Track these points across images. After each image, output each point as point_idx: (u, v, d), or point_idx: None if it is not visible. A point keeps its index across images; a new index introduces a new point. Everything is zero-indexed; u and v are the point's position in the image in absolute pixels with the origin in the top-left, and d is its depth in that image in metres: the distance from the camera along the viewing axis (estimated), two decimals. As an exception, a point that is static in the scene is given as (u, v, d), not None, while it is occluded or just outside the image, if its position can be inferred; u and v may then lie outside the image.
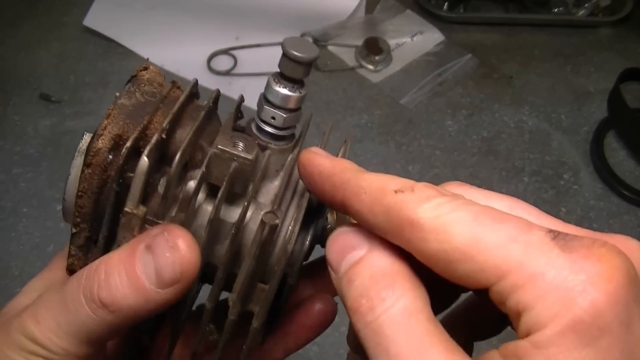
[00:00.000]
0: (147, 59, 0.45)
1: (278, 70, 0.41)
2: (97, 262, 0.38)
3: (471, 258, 0.30)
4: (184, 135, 0.40)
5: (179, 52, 1.36)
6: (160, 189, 0.39)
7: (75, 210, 0.39)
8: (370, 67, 1.35)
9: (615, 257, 0.28)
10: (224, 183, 0.38)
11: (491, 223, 0.30)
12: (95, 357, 0.39)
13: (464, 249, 0.30)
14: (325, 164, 0.37)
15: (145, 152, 0.36)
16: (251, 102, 0.47)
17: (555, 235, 0.29)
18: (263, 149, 0.42)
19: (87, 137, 0.42)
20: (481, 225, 0.30)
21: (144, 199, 0.38)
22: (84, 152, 0.40)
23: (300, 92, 0.41)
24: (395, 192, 0.32)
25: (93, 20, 1.37)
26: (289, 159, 0.43)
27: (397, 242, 0.32)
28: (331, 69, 1.35)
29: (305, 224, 0.42)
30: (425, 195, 0.32)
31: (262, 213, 0.39)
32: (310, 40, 1.38)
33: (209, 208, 0.40)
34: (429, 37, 1.40)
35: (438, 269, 0.31)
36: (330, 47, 1.39)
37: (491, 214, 0.31)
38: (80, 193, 0.39)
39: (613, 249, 0.29)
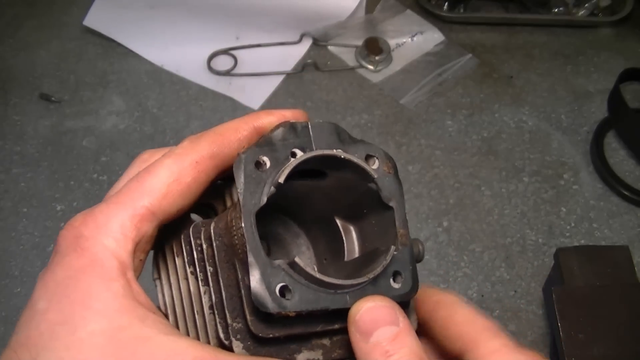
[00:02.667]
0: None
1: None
2: None
3: None
4: None
5: (179, 52, 1.36)
6: None
7: None
8: (371, 67, 1.35)
9: None
10: None
11: None
12: None
13: None
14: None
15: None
16: (251, 102, 0.48)
17: None
18: None
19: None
20: None
21: None
22: None
23: None
24: None
25: (93, 20, 1.37)
26: None
27: None
28: (331, 69, 1.35)
29: None
30: None
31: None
32: (311, 40, 1.38)
33: None
34: (429, 37, 1.40)
35: None
36: (330, 47, 1.39)
37: None
38: None
39: None
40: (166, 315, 0.47)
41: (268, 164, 0.43)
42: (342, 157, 0.44)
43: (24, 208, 1.16)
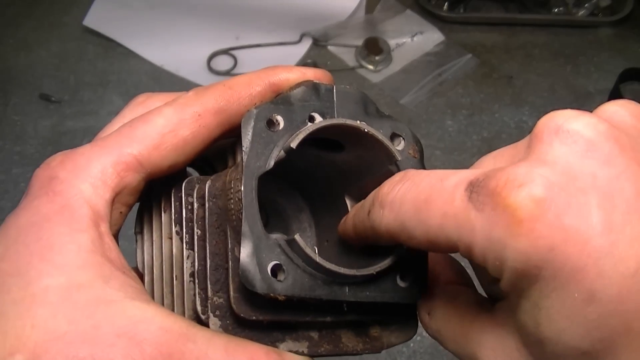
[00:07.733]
0: None
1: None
2: None
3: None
4: None
5: (179, 52, 1.36)
6: None
7: None
8: (370, 67, 1.35)
9: (517, 196, 0.30)
10: None
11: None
12: None
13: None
14: None
15: None
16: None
17: (470, 191, 0.32)
18: None
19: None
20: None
21: None
22: None
23: None
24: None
25: (93, 20, 1.37)
26: None
27: None
28: (331, 69, 1.35)
29: None
30: None
31: None
32: (311, 40, 1.38)
33: None
34: (429, 37, 1.40)
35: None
36: (330, 47, 1.39)
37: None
38: None
39: (513, 185, 0.30)
40: (143, 275, 0.42)
41: (282, 124, 0.38)
42: (366, 130, 0.39)
43: (24, 208, 1.16)
